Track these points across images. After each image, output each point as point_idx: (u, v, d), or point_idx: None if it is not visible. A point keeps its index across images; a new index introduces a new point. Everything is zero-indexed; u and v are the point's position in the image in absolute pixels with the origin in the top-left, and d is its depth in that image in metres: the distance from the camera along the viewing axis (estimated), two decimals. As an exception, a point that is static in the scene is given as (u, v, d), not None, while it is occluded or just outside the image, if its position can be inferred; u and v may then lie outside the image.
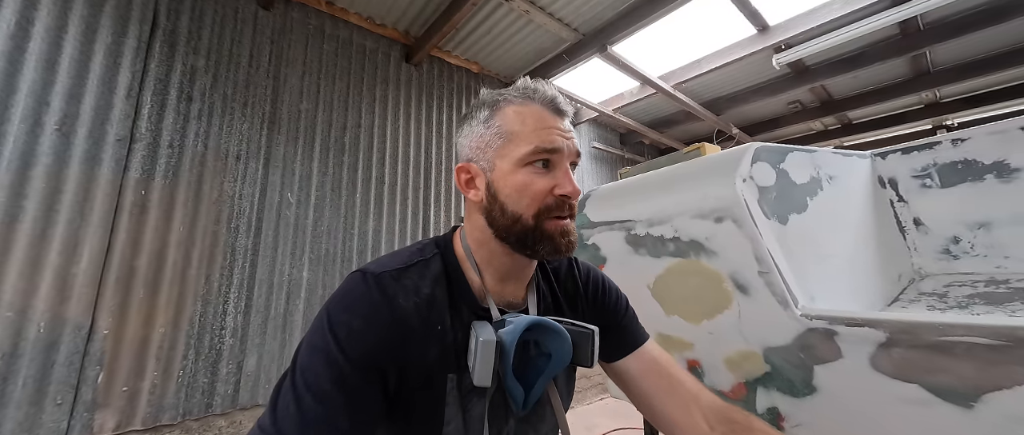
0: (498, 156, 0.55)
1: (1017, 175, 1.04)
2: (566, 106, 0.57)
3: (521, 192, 0.53)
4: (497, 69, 3.43)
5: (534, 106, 0.56)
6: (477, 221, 0.58)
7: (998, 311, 0.85)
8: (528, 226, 0.54)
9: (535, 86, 0.57)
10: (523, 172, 0.54)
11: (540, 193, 0.53)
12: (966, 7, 2.69)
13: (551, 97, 0.56)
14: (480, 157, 0.57)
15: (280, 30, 2.43)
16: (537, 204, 0.53)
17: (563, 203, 0.54)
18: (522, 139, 0.54)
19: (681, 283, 1.02)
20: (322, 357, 0.47)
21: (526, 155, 0.53)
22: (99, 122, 1.83)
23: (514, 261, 0.58)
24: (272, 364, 2.15)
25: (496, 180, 0.55)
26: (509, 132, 0.55)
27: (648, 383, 0.65)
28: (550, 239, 0.54)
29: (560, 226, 0.54)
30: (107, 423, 1.72)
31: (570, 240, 0.55)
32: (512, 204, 0.54)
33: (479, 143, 0.57)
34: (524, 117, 0.55)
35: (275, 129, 2.33)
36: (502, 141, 0.55)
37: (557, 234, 0.54)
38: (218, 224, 2.08)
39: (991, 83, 3.72)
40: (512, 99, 0.57)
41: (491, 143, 0.56)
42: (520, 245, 0.55)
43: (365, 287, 0.51)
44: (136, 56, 1.95)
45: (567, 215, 0.55)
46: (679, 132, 4.84)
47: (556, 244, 0.54)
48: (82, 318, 1.70)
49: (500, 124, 0.56)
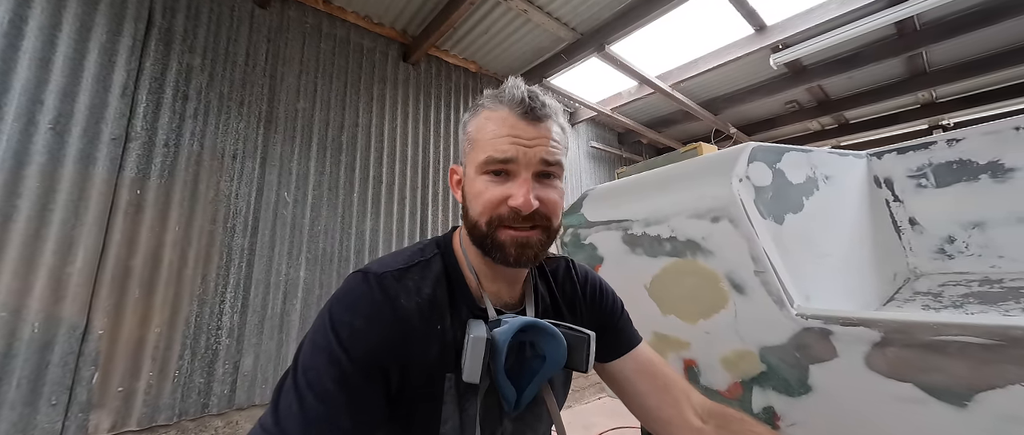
0: (467, 161, 0.57)
1: (1011, 175, 1.05)
2: (541, 110, 0.53)
3: (475, 199, 0.54)
4: (495, 68, 3.43)
5: (502, 110, 0.53)
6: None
7: (992, 310, 0.85)
8: (482, 232, 0.54)
9: (506, 87, 0.54)
10: (480, 180, 0.54)
11: (491, 202, 0.52)
12: (962, 8, 2.70)
13: (519, 99, 0.52)
14: (461, 160, 0.60)
15: (277, 28, 2.42)
16: (489, 213, 0.52)
17: (516, 215, 0.51)
18: (480, 147, 0.54)
19: (677, 283, 1.02)
20: (324, 356, 0.47)
21: (481, 164, 0.53)
22: (94, 121, 1.82)
23: (489, 262, 0.57)
24: (269, 364, 2.14)
25: (465, 184, 0.58)
26: (475, 138, 0.56)
27: (641, 383, 0.65)
28: (501, 248, 0.52)
29: (512, 237, 0.52)
30: (102, 424, 1.71)
31: (524, 253, 0.52)
32: (471, 209, 0.55)
33: (461, 147, 0.60)
34: (489, 123, 0.54)
35: (272, 128, 2.32)
36: (470, 146, 0.57)
37: (508, 243, 0.52)
38: (214, 224, 2.07)
39: (987, 83, 3.73)
40: (486, 103, 0.56)
41: (465, 148, 0.58)
42: (481, 249, 0.55)
43: (367, 287, 0.51)
44: (131, 54, 1.94)
45: (531, 226, 0.52)
46: (677, 132, 4.85)
47: (506, 254, 0.52)
48: (77, 318, 1.69)
49: (471, 129, 0.57)
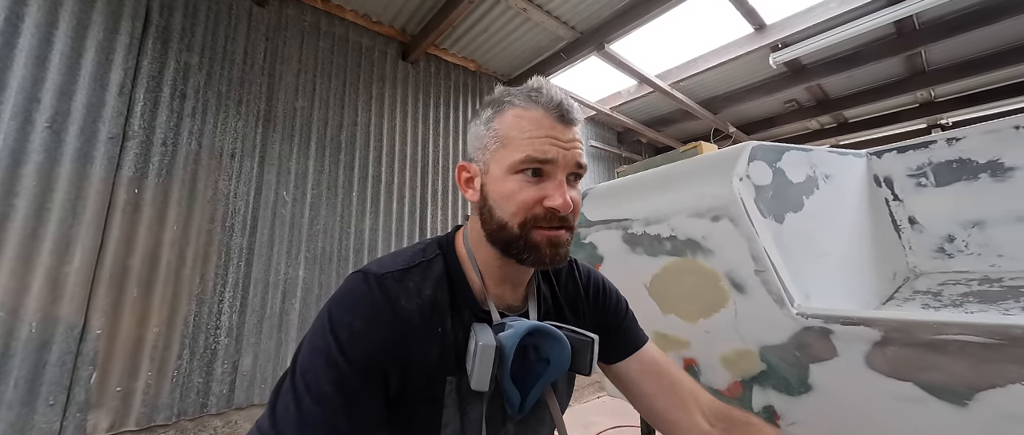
0: (493, 159, 0.54)
1: (1011, 174, 1.05)
2: (574, 113, 0.54)
3: (508, 200, 0.52)
4: (494, 67, 3.42)
5: (536, 111, 0.53)
6: (475, 221, 0.58)
7: (992, 309, 0.85)
8: (513, 234, 0.52)
9: (540, 87, 0.54)
10: (513, 180, 0.52)
11: (526, 203, 0.51)
12: (961, 7, 2.70)
13: (557, 102, 0.53)
14: (479, 157, 0.56)
15: (275, 27, 2.41)
16: (523, 214, 0.52)
17: (552, 215, 0.52)
18: (515, 145, 0.52)
19: (678, 282, 1.02)
20: (323, 358, 0.46)
21: (517, 163, 0.51)
22: (91, 120, 1.81)
23: (506, 264, 0.57)
24: (268, 364, 2.14)
25: (488, 184, 0.55)
26: (505, 136, 0.53)
27: (648, 384, 0.65)
28: (536, 249, 0.52)
29: (548, 237, 0.52)
30: (101, 423, 1.70)
31: (558, 252, 0.53)
32: (499, 210, 0.53)
33: (479, 143, 0.56)
34: (522, 122, 0.53)
35: (270, 127, 2.31)
36: (498, 145, 0.54)
37: (544, 244, 0.52)
38: (213, 223, 2.07)
39: (985, 82, 3.74)
40: (516, 101, 0.54)
41: (488, 145, 0.55)
42: (506, 251, 0.54)
43: (367, 288, 0.51)
44: (128, 53, 1.93)
45: (560, 226, 0.53)
46: (676, 130, 4.85)
47: (541, 255, 0.52)
48: (75, 318, 1.69)
49: (498, 127, 0.54)
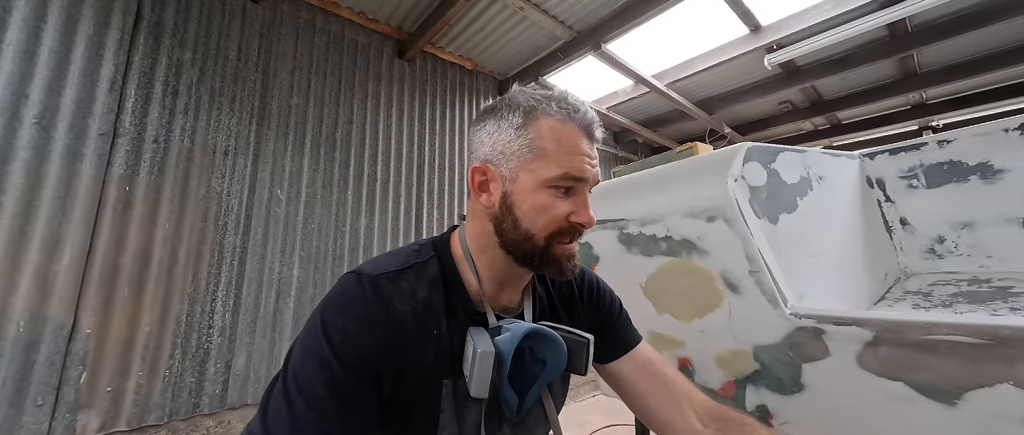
0: (523, 169, 0.53)
1: (1000, 176, 1.06)
2: (599, 132, 0.57)
3: (539, 213, 0.53)
4: (491, 66, 3.41)
5: (571, 127, 0.53)
6: (484, 226, 0.57)
7: (980, 310, 0.86)
8: (538, 246, 0.54)
9: (576, 104, 0.55)
10: (545, 193, 0.52)
11: (557, 218, 0.53)
12: (953, 10, 2.73)
13: (590, 121, 0.55)
14: (502, 163, 0.54)
15: (269, 23, 2.38)
16: (552, 228, 0.53)
17: (576, 230, 0.54)
18: (553, 160, 0.52)
19: (673, 282, 1.02)
20: (315, 361, 0.46)
21: (554, 178, 0.52)
22: (81, 116, 1.78)
23: (514, 270, 0.58)
24: (262, 363, 2.12)
25: (515, 193, 0.53)
26: (542, 148, 0.52)
27: (642, 384, 0.65)
28: (556, 262, 0.55)
29: (567, 251, 0.55)
30: (91, 424, 1.68)
31: (574, 264, 0.56)
32: (527, 222, 0.53)
33: (505, 149, 0.54)
34: (560, 137, 0.53)
35: (264, 124, 2.29)
36: (532, 155, 0.52)
37: (563, 258, 0.55)
38: (205, 221, 2.05)
39: (975, 85, 3.79)
40: (552, 112, 0.53)
41: (519, 153, 0.53)
42: (525, 261, 0.55)
43: (360, 289, 0.50)
44: (119, 48, 1.90)
45: (576, 239, 0.56)
46: (672, 131, 4.87)
47: (561, 267, 0.55)
48: (64, 317, 1.66)
49: (534, 137, 0.53)
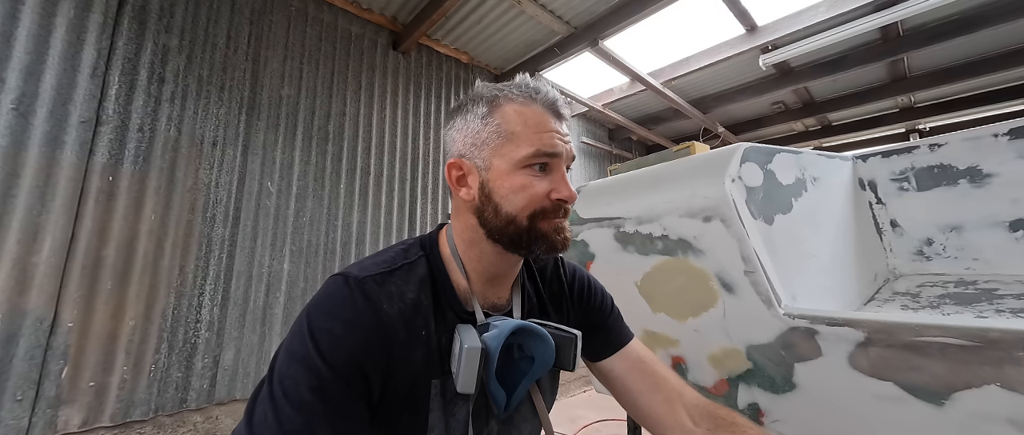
0: (495, 155, 0.54)
1: (988, 180, 1.08)
2: (566, 109, 0.57)
3: (517, 193, 0.53)
4: (487, 60, 3.38)
5: (535, 107, 0.55)
6: (467, 221, 0.57)
7: (967, 311, 0.88)
8: (522, 227, 0.53)
9: (537, 86, 0.56)
10: (521, 174, 0.53)
11: (537, 196, 0.53)
12: (945, 15, 2.78)
13: (553, 99, 0.56)
14: (475, 154, 0.55)
15: (260, 11, 2.32)
16: (533, 207, 0.53)
17: (559, 206, 0.54)
18: (523, 140, 0.53)
19: (668, 281, 1.03)
20: (301, 364, 0.45)
21: (526, 157, 0.52)
22: (61, 102, 1.71)
23: (504, 261, 0.58)
24: (251, 358, 2.09)
25: (492, 179, 0.54)
26: (509, 132, 0.54)
27: (633, 381, 0.65)
28: (545, 238, 0.54)
29: (554, 224, 0.54)
30: (73, 419, 1.64)
31: (565, 237, 0.55)
32: (507, 205, 0.53)
33: (475, 140, 0.55)
34: (525, 118, 0.54)
35: (254, 115, 2.24)
36: (501, 140, 0.54)
37: (552, 232, 0.54)
38: (193, 213, 2.00)
39: (963, 90, 3.87)
40: (513, 97, 0.55)
41: (488, 141, 0.54)
42: (513, 246, 0.54)
43: (348, 291, 0.49)
44: (102, 32, 1.83)
45: (562, 215, 0.55)
46: (666, 129, 4.89)
47: (551, 242, 0.54)
48: (44, 310, 1.61)
49: (499, 122, 0.54)
